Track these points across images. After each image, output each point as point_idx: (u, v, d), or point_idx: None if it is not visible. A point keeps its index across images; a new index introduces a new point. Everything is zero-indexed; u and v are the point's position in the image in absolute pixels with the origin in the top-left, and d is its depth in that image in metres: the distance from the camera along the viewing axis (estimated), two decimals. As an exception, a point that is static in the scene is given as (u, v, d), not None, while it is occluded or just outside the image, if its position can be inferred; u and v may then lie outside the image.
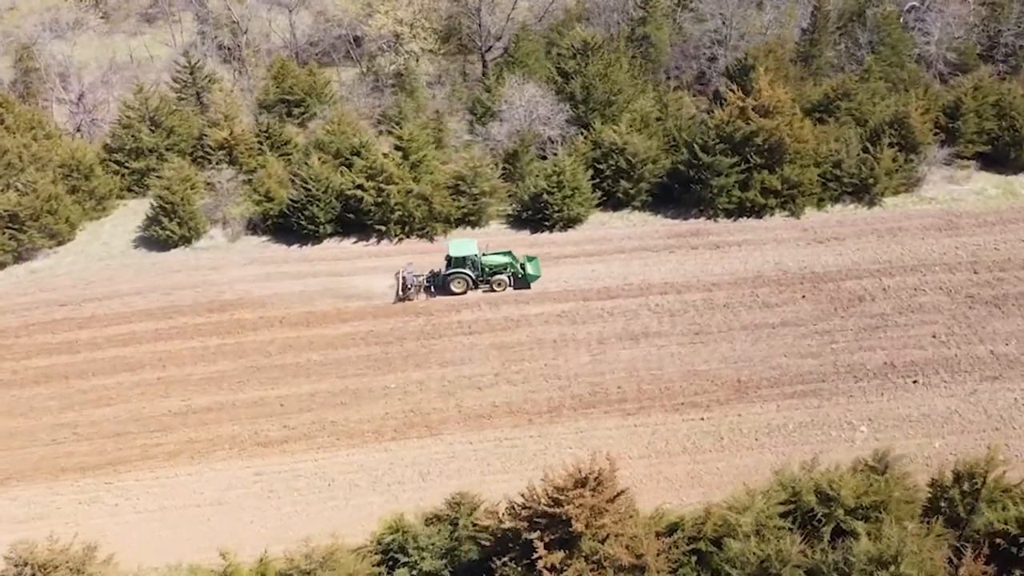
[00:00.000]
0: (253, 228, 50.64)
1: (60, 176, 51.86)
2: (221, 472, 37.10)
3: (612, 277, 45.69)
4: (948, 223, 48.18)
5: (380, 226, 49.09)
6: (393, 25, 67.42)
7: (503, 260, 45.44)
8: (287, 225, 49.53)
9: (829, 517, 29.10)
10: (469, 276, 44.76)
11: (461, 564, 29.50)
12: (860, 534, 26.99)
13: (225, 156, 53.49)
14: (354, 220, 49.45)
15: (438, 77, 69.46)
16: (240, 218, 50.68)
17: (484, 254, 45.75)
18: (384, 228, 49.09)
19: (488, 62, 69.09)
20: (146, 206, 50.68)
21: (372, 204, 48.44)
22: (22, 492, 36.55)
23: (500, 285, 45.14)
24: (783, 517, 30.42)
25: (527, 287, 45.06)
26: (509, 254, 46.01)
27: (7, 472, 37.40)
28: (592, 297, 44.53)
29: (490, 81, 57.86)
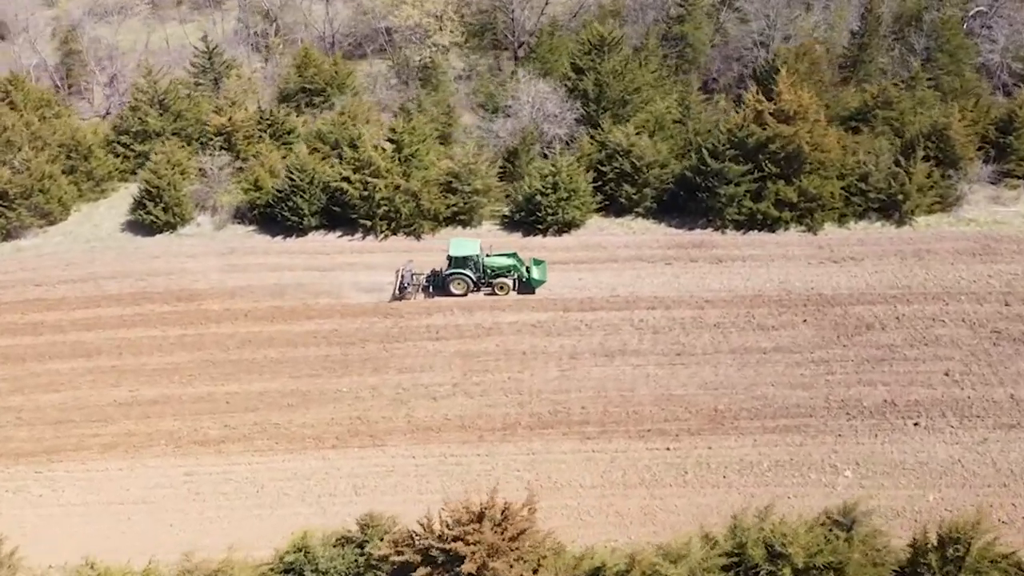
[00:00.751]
0: (241, 217, 49.15)
1: (59, 156, 51.37)
2: (153, 469, 35.43)
3: (599, 287, 42.38)
4: (984, 248, 43.15)
5: (365, 221, 46.89)
6: (420, 17, 65.38)
7: (507, 262, 42.54)
8: (274, 216, 47.81)
9: (775, 577, 25.46)
10: (469, 277, 42.08)
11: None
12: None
13: (223, 142, 52.19)
14: (340, 214, 47.39)
15: (469, 71, 67.15)
16: (228, 206, 49.25)
17: (488, 255, 42.96)
18: (369, 223, 46.88)
19: (520, 59, 66.51)
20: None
21: (358, 198, 46.29)
22: (-50, 476, 35.68)
23: (502, 288, 42.34)
24: (724, 571, 26.91)
25: (531, 292, 42.15)
26: (514, 256, 43.12)
27: (-57, 454, 36.64)
28: (573, 308, 41.32)
29: (502, 76, 55.06)
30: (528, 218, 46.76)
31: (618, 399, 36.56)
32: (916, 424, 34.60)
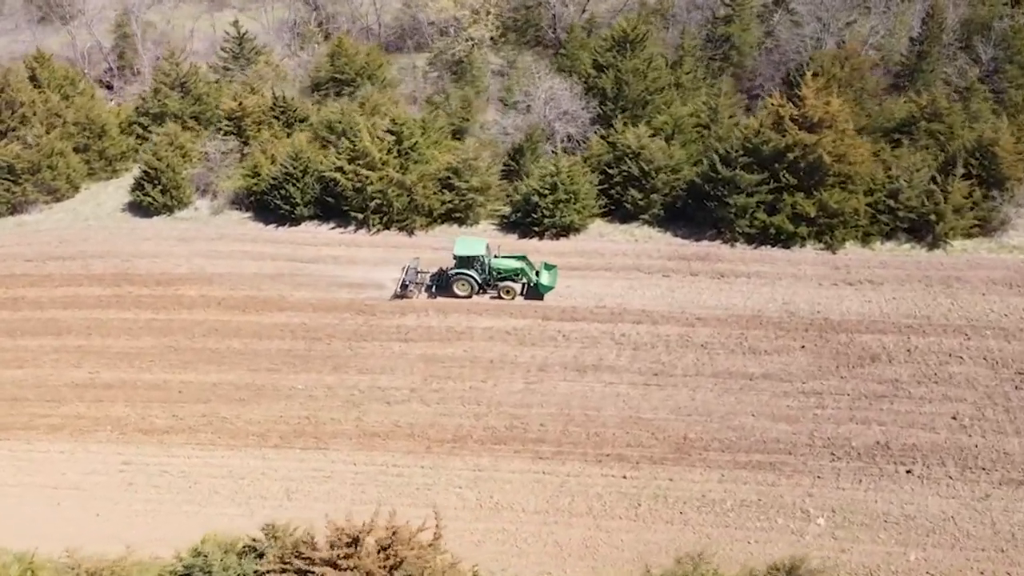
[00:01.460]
0: (239, 204, 48.13)
1: (73, 134, 51.44)
2: (93, 455, 34.38)
3: (585, 297, 39.53)
4: (1024, 279, 38.52)
5: (357, 213, 45.17)
6: (455, 10, 63.57)
7: (515, 265, 40.00)
8: (269, 204, 46.60)
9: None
10: (474, 279, 39.78)
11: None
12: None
13: (233, 127, 51.35)
14: (335, 205, 45.81)
15: (509, 66, 65.01)
16: (228, 192, 48.30)
17: (496, 256, 40.60)
18: (361, 216, 45.13)
19: (556, 55, 63.96)
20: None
21: (351, 189, 44.60)
22: None
23: (508, 293, 39.93)
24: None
25: (539, 298, 39.50)
26: (524, 259, 40.59)
27: None
28: (553, 317, 38.58)
29: (518, 71, 52.74)
30: (525, 219, 44.19)
31: (581, 418, 33.67)
32: (909, 471, 30.60)
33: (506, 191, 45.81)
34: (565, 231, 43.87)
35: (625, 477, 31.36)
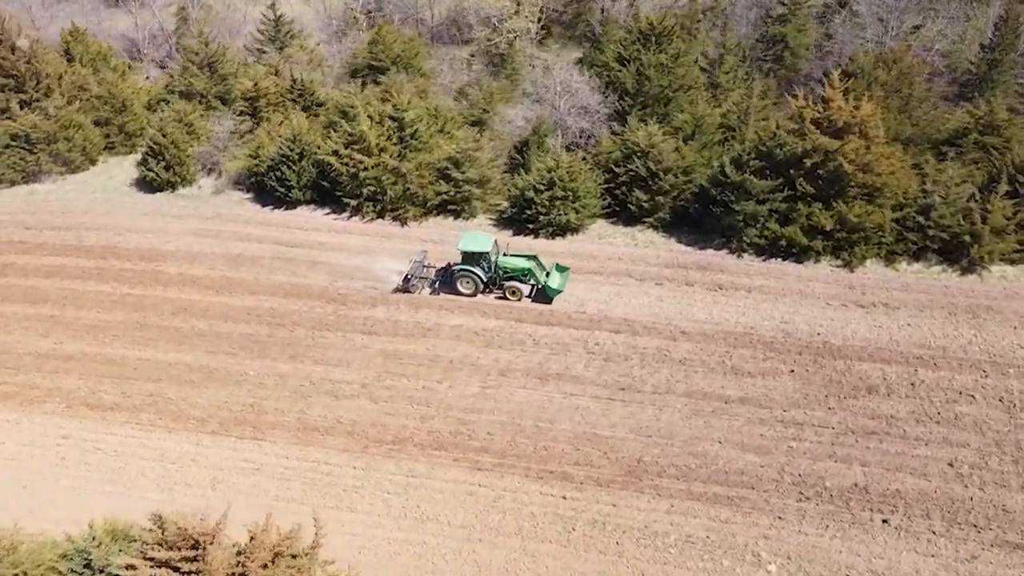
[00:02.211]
0: (242, 184, 47.26)
1: (96, 107, 51.67)
2: (36, 426, 33.53)
3: (567, 301, 36.77)
4: (1066, 314, 33.73)
5: (351, 200, 43.55)
6: (496, 1, 61.62)
7: (523, 264, 37.46)
8: (266, 185, 45.56)
9: None
10: (479, 277, 37.55)
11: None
12: None
13: (248, 107, 50.63)
14: (331, 190, 44.34)
15: (555, 59, 62.68)
16: (232, 172, 47.48)
17: (504, 254, 38.28)
18: (355, 203, 43.48)
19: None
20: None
21: (345, 175, 43.00)
22: None
23: (514, 294, 37.54)
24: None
25: (547, 302, 36.89)
26: (534, 259, 38.07)
27: None
28: (527, 319, 35.94)
29: (538, 64, 50.33)
30: (519, 216, 41.67)
31: (532, 429, 30.91)
32: (886, 521, 26.68)
33: (507, 184, 43.40)
34: (562, 230, 41.13)
35: (565, 498, 28.44)
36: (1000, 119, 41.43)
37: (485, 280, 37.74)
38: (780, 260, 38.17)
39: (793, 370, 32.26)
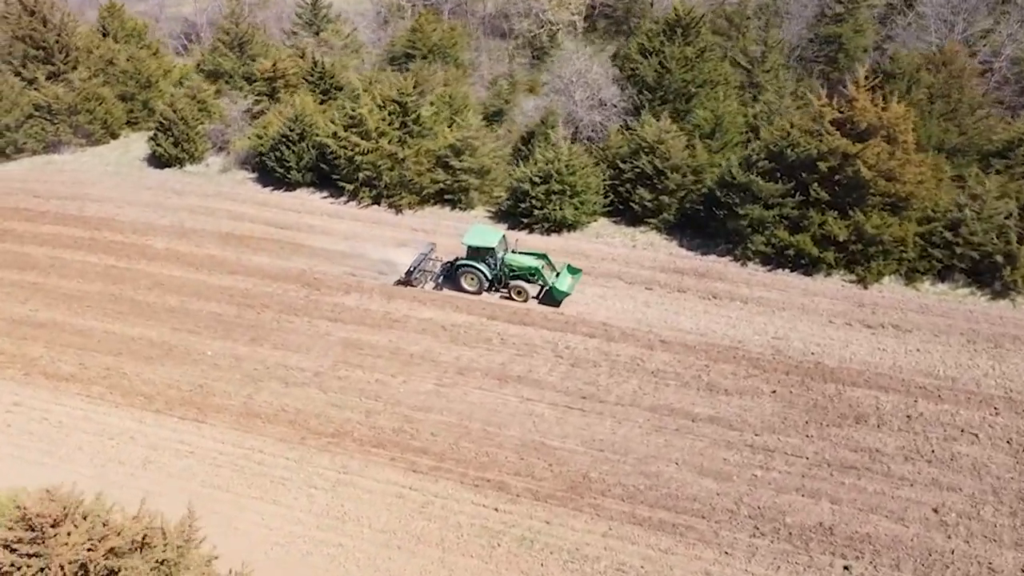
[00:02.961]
0: (248, 164, 46.49)
1: (122, 81, 51.88)
2: (-8, 391, 33.13)
3: (545, 300, 34.32)
4: (1103, 351, 29.48)
5: (347, 184, 42.14)
6: (538, -8, 59.73)
7: (530, 263, 35.15)
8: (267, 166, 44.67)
9: None
10: (483, 274, 35.56)
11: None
12: None
13: (266, 87, 49.93)
14: (330, 173, 43.05)
15: (596, 53, 60.38)
16: (240, 151, 46.77)
17: (512, 251, 36.21)
18: (351, 187, 42.05)
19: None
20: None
21: (343, 158, 41.63)
22: None
23: (520, 294, 35.40)
24: None
25: (555, 304, 34.54)
26: (544, 258, 35.80)
27: None
28: (499, 317, 33.69)
29: (553, 56, 48.16)
30: (514, 210, 39.45)
31: (479, 433, 28.63)
32: (847, 568, 23.38)
33: (509, 175, 41.26)
34: (558, 227, 38.69)
35: (497, 510, 26.07)
36: (1059, 131, 37.08)
37: (490, 277, 35.59)
38: (787, 271, 34.90)
39: (775, 391, 29.06)
